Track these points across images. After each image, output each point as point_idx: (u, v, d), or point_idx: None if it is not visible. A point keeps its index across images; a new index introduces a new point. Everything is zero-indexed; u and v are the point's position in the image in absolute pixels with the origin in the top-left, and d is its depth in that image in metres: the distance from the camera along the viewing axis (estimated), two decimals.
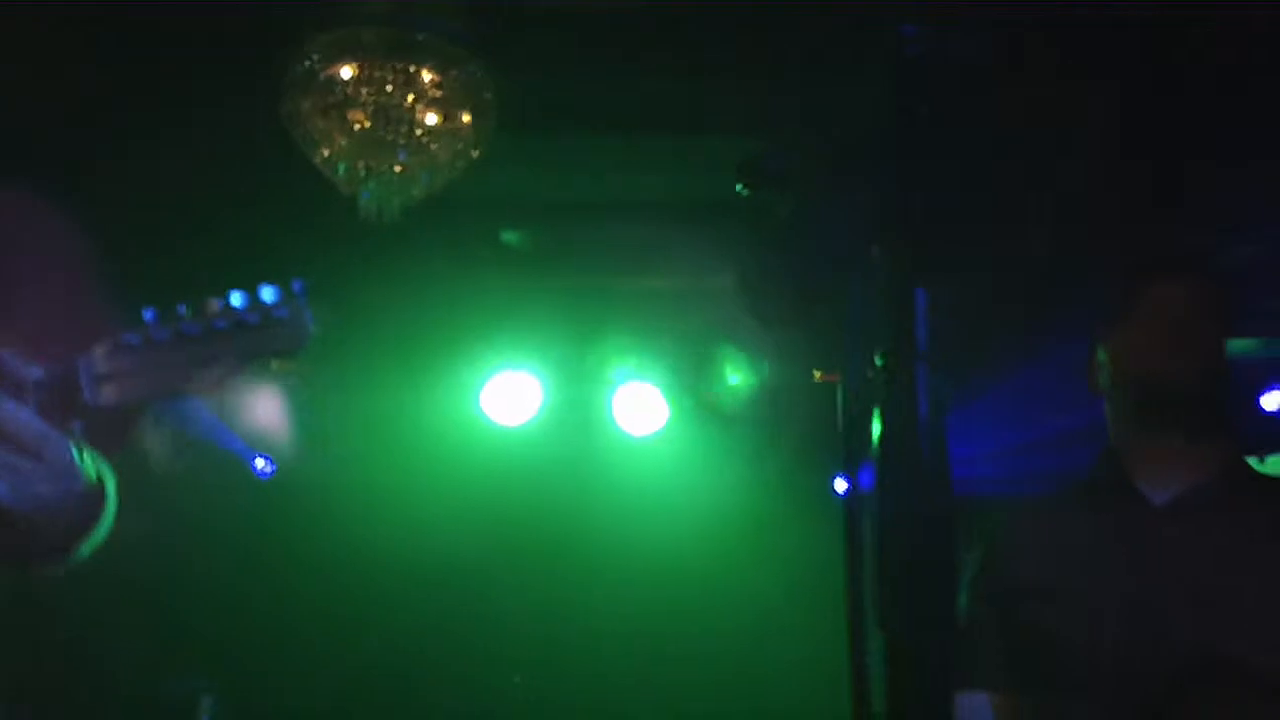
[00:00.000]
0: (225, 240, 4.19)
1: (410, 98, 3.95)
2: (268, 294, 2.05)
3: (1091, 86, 4.06)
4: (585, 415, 5.90)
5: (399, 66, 3.91)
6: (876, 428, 2.19)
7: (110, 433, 2.18)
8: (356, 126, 3.93)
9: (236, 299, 2.06)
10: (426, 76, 3.96)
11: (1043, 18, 3.74)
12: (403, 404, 5.58)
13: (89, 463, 2.15)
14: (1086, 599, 2.77)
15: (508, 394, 5.75)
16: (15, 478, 1.99)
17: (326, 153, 3.96)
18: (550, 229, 5.35)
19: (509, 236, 5.52)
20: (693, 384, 5.83)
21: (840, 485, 5.52)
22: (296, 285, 2.07)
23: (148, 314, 2.07)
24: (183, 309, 2.07)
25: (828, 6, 3.99)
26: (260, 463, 5.72)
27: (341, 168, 3.98)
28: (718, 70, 4.52)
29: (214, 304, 2.06)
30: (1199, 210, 4.59)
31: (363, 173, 4.03)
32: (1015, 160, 4.20)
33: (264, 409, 5.01)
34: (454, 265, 5.18)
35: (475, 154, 4.09)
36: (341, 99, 3.92)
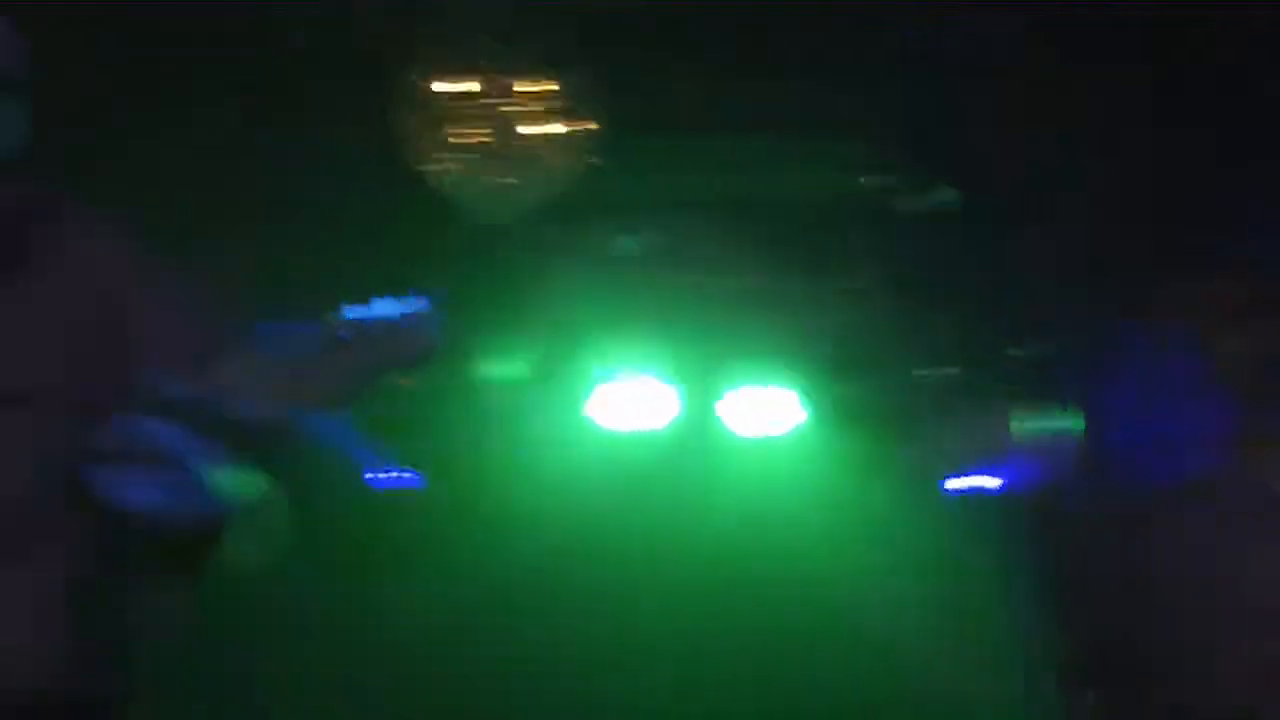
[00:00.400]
0: (346, 253, 4.23)
1: (525, 108, 3.96)
2: (391, 306, 2.05)
3: None
4: (711, 419, 5.84)
5: (512, 78, 3.93)
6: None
7: (245, 449, 2.20)
8: (472, 139, 3.96)
9: (361, 311, 2.06)
10: (540, 86, 3.98)
11: None
12: (522, 410, 5.56)
13: (233, 481, 2.17)
14: None
15: (630, 399, 5.72)
16: (156, 494, 2.02)
17: (439, 166, 3.99)
18: (673, 230, 5.33)
19: (628, 241, 5.52)
20: (825, 386, 5.76)
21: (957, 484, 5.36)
22: (424, 297, 2.06)
23: (272, 330, 2.08)
24: (309, 324, 2.08)
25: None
26: (385, 473, 5.76)
27: (454, 180, 4.01)
28: (841, 71, 4.48)
29: (335, 319, 2.06)
30: None
31: (475, 184, 4.06)
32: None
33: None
34: (576, 271, 5.18)
35: (589, 160, 4.11)
36: (456, 113, 3.95)
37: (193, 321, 2.46)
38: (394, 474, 5.76)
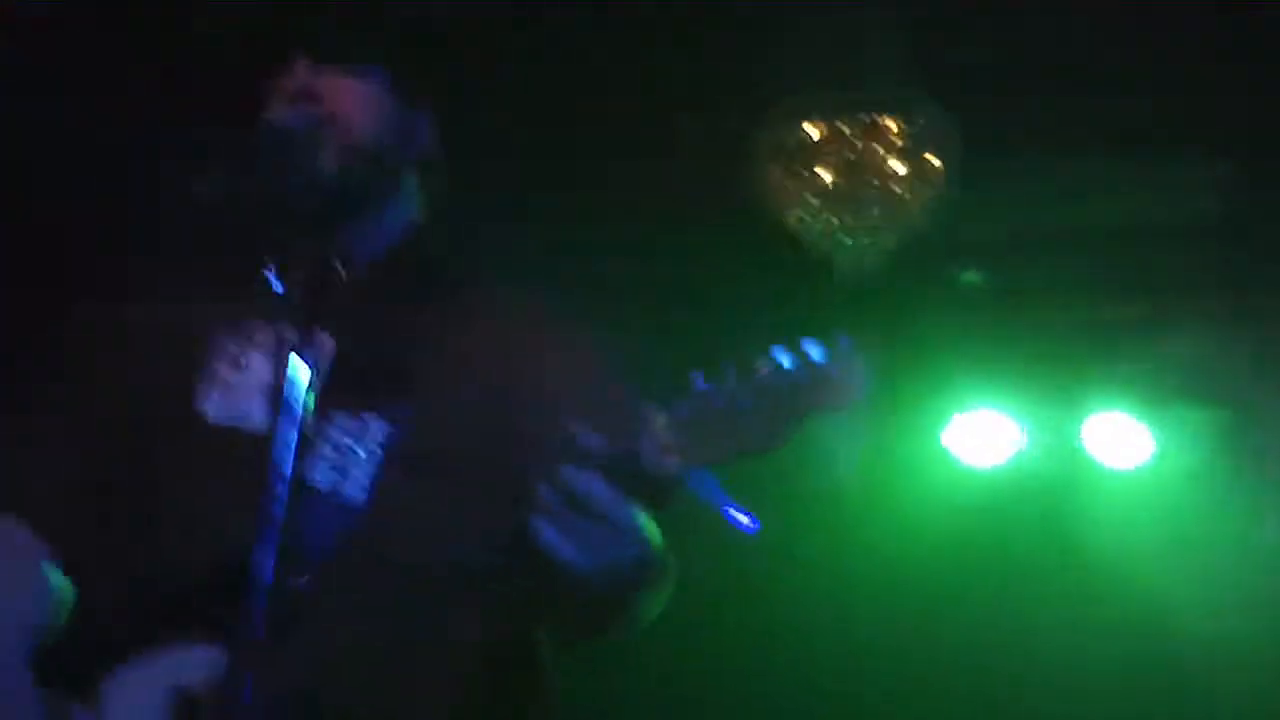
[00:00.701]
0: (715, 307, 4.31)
1: (878, 149, 3.98)
2: (816, 352, 2.08)
3: None
4: (1062, 452, 5.71)
5: (864, 119, 3.95)
6: None
7: (654, 504, 2.26)
8: (828, 184, 4.00)
9: (785, 359, 2.09)
10: (891, 125, 3.99)
11: None
12: (877, 448, 5.55)
13: (654, 530, 2.24)
14: None
15: (980, 433, 5.65)
16: (590, 545, 2.09)
17: (801, 214, 4.03)
18: (1012, 262, 5.26)
19: (969, 276, 5.47)
20: (1175, 414, 5.57)
21: None
22: (844, 341, 2.08)
23: (698, 380, 2.14)
24: (732, 372, 2.12)
25: None
26: (744, 519, 5.81)
27: (817, 226, 4.04)
28: (1189, 90, 4.35)
29: (762, 365, 2.10)
30: None
31: (837, 229, 4.09)
32: None
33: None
34: (919, 308, 5.16)
35: (942, 194, 4.09)
36: (811, 159, 3.99)
37: (609, 377, 2.56)
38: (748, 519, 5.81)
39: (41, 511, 2.46)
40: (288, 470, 2.21)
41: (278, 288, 2.46)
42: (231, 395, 2.43)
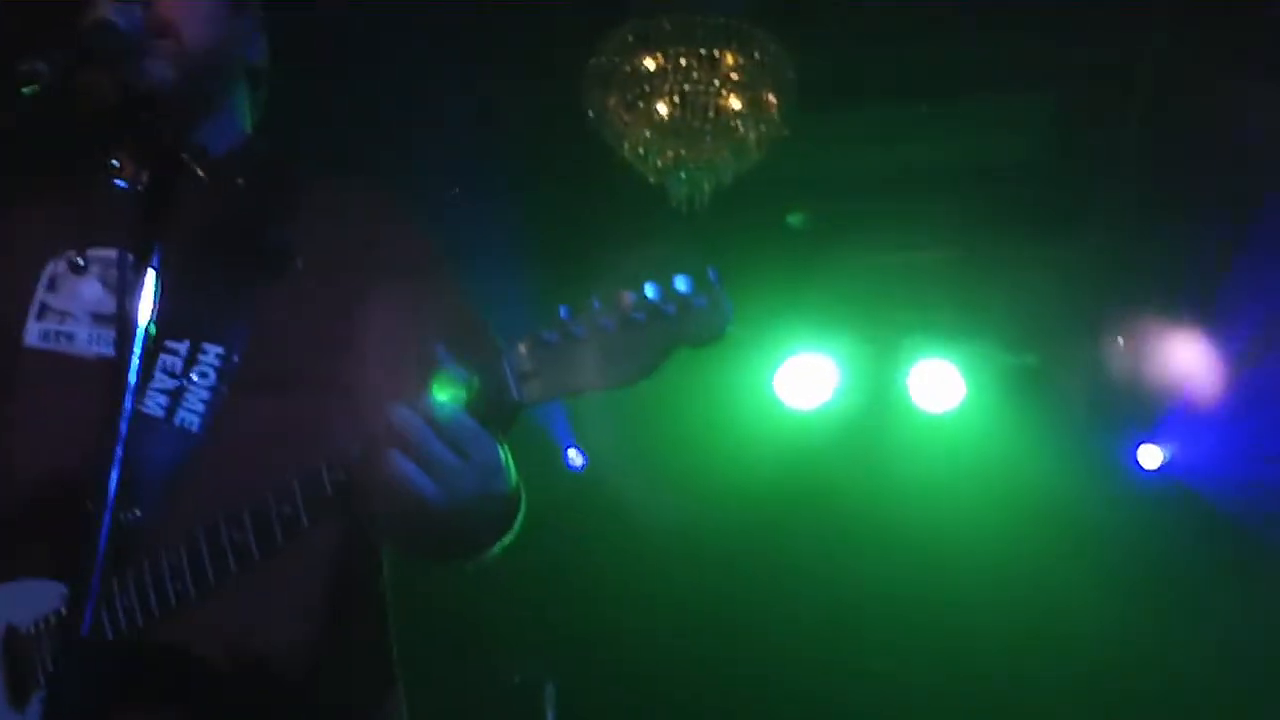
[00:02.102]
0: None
1: (715, 82, 3.93)
2: (682, 283, 2.02)
3: None
4: (881, 395, 5.79)
5: (702, 53, 3.89)
6: None
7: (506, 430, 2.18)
8: (663, 116, 3.94)
9: (651, 290, 2.02)
10: (729, 60, 3.94)
11: None
12: (697, 391, 5.55)
13: (511, 464, 2.15)
14: None
15: (802, 377, 5.69)
16: (447, 476, 2.00)
17: (634, 145, 3.97)
18: (840, 205, 5.27)
19: (794, 218, 5.47)
20: (992, 357, 5.68)
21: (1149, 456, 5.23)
22: (712, 273, 2.02)
23: (563, 310, 2.06)
24: (597, 303, 2.05)
25: None
26: (574, 455, 5.78)
27: (651, 158, 3.98)
28: (1008, 27, 4.39)
29: (628, 296, 2.03)
30: None
31: (672, 162, 4.03)
32: None
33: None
34: (744, 249, 5.14)
35: (780, 133, 4.06)
36: (646, 90, 3.92)
37: (464, 301, 2.46)
38: (577, 455, 5.78)
39: None
40: (121, 397, 2.08)
41: (110, 196, 2.34)
42: (59, 317, 2.28)
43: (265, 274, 2.30)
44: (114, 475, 1.89)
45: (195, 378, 2.23)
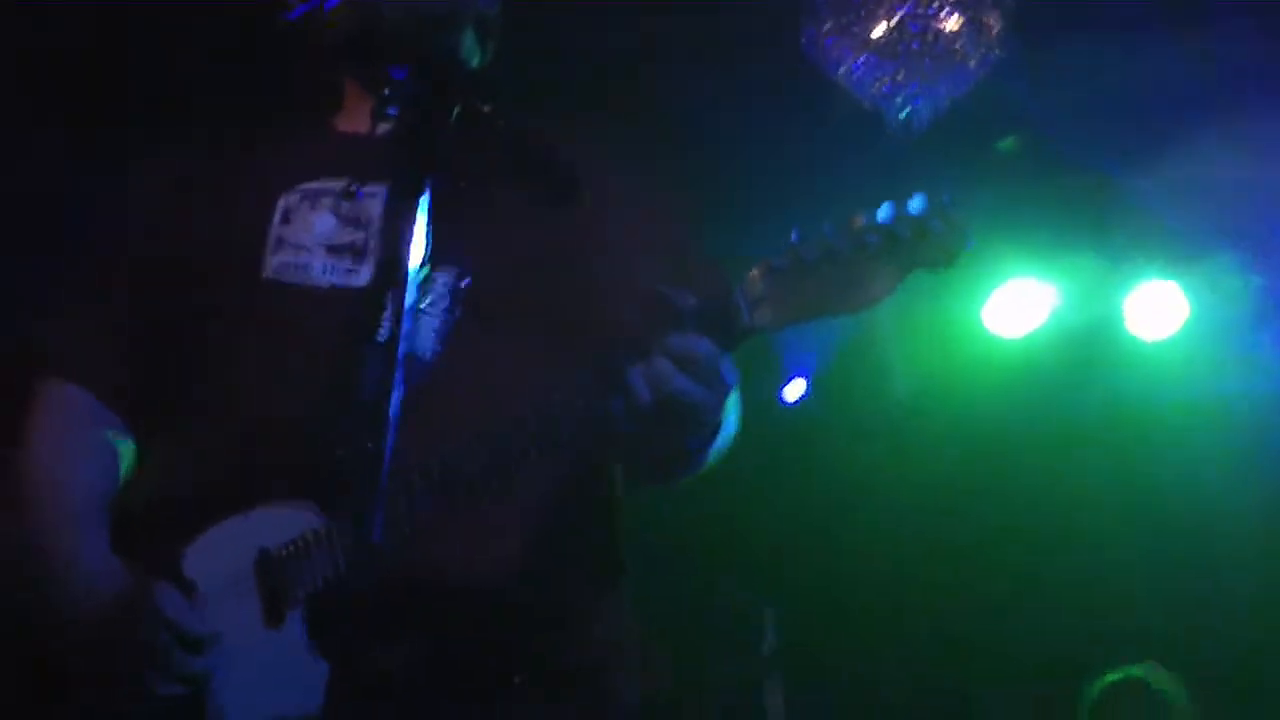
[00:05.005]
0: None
1: (934, 4, 3.85)
2: (918, 206, 2.00)
3: None
4: (1096, 321, 5.64)
5: None
6: None
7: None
8: (880, 40, 3.87)
9: (885, 213, 2.01)
10: None
11: None
12: (905, 319, 5.49)
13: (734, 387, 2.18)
14: None
15: (1015, 303, 5.57)
16: (716, 387, 2.04)
17: (851, 69, 3.91)
18: (1056, 130, 5.14)
19: (1007, 143, 5.34)
20: (1214, 281, 5.48)
21: None
22: (948, 196, 2.01)
23: (794, 235, 2.07)
24: (829, 228, 2.05)
25: None
26: (791, 389, 5.78)
27: (867, 82, 3.92)
28: None
29: (861, 219, 2.03)
30: None
31: (888, 86, 3.97)
32: None
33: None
34: (957, 175, 5.05)
35: (997, 55, 3.97)
36: (862, 14, 3.87)
37: (692, 233, 2.49)
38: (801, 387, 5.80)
39: (103, 373, 2.42)
40: (359, 326, 2.15)
41: (338, 131, 2.41)
42: (294, 250, 2.36)
43: (501, 199, 2.35)
44: (364, 402, 1.97)
45: (428, 304, 2.29)
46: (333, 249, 2.34)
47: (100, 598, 2.18)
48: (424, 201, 1.94)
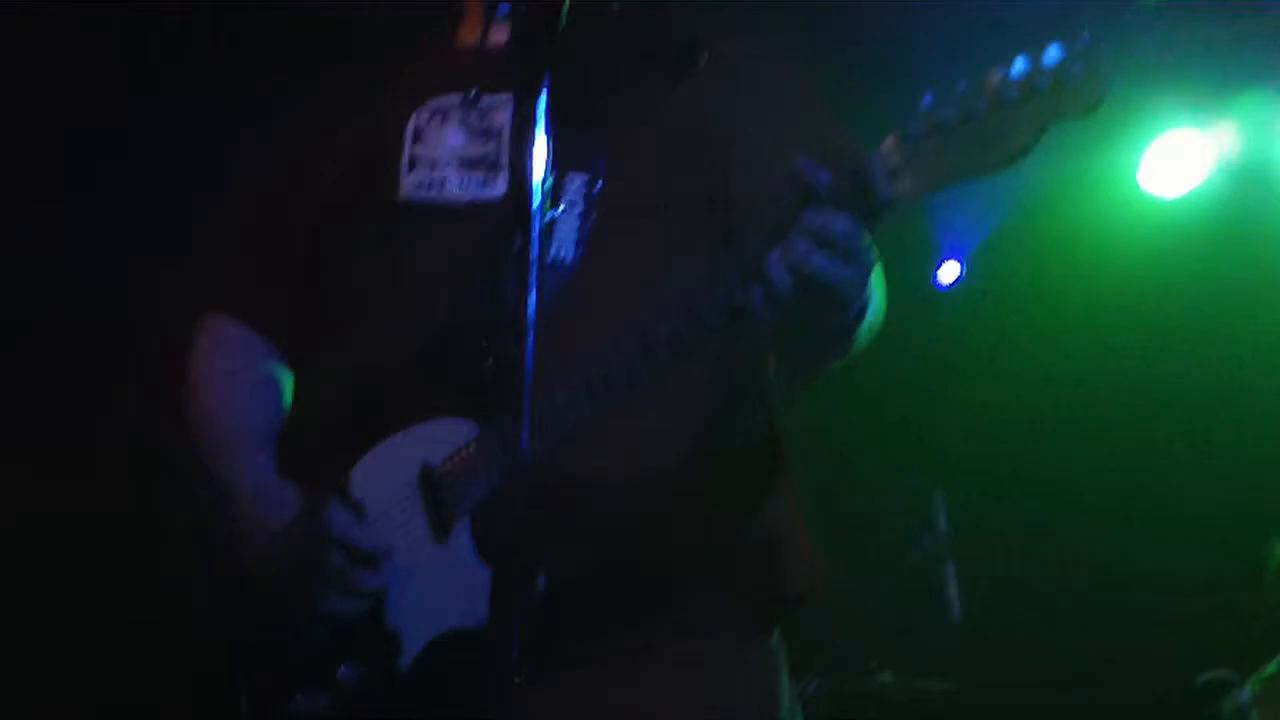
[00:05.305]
0: None
1: None
2: (1054, 53, 1.92)
3: None
4: (1256, 179, 5.40)
5: None
6: None
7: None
8: None
9: (1021, 64, 1.93)
10: None
11: None
12: (1056, 182, 5.30)
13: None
14: None
15: (1171, 159, 5.36)
16: (828, 285, 1.98)
17: None
18: None
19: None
20: None
21: None
22: (1086, 38, 1.92)
23: (927, 98, 2.00)
24: (964, 86, 1.97)
25: None
26: (944, 271, 5.69)
27: None
28: None
29: (996, 74, 1.95)
30: None
31: None
32: None
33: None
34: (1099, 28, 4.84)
35: None
36: None
37: (822, 108, 2.43)
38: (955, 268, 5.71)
39: (262, 308, 2.48)
40: (499, 238, 2.14)
41: (459, 47, 2.39)
42: (429, 167, 2.38)
43: (626, 88, 2.33)
44: (507, 311, 1.95)
45: (564, 208, 2.28)
46: (466, 162, 2.35)
47: (275, 522, 2.24)
48: (543, 106, 1.91)
